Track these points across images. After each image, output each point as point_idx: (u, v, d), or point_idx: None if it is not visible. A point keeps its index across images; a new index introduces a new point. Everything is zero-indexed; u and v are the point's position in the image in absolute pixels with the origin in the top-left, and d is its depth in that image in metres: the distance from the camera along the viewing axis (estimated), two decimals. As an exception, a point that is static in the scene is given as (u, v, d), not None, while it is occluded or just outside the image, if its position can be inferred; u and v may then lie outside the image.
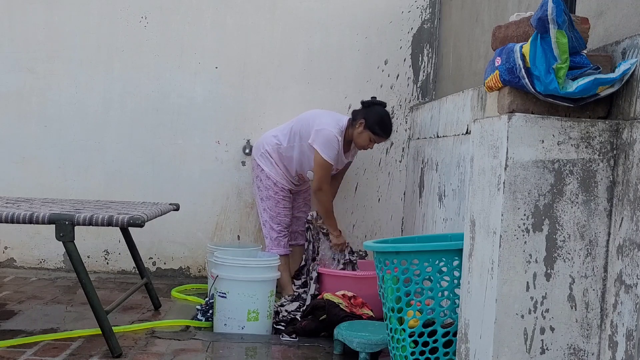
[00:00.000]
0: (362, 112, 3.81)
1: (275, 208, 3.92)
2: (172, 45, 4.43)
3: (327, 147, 3.74)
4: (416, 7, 4.47)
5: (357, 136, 3.80)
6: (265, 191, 3.92)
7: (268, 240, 3.95)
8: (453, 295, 2.31)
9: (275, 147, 3.90)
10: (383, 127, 3.79)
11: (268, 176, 3.91)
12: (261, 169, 3.93)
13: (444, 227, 3.28)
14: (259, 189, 3.97)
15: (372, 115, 3.78)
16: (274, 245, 3.93)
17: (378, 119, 3.78)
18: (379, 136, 3.81)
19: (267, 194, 3.92)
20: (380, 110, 3.83)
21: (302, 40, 4.45)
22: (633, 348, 1.58)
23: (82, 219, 2.77)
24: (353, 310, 3.28)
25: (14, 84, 4.42)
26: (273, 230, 3.93)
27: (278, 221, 3.93)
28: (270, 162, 3.91)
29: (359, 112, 3.83)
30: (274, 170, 3.91)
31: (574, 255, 1.75)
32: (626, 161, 1.68)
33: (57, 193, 4.37)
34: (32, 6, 4.40)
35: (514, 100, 1.81)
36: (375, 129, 3.77)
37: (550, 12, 1.68)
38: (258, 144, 4.02)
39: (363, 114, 3.79)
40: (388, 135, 3.86)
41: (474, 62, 3.56)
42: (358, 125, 3.78)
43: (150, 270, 4.41)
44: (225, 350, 2.98)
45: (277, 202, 3.92)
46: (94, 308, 2.81)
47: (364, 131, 3.78)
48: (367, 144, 3.83)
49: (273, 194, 3.91)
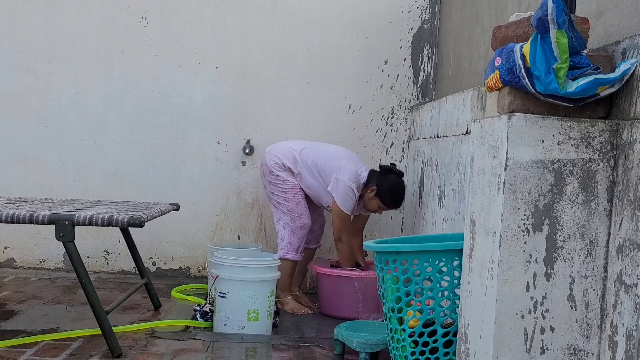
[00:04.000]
0: (376, 179, 3.75)
1: (297, 209, 3.79)
2: (172, 45, 4.43)
3: (345, 199, 3.69)
4: (416, 7, 4.47)
5: (367, 201, 3.77)
6: (283, 194, 3.79)
7: (285, 243, 3.79)
8: (453, 295, 2.31)
9: (292, 166, 3.79)
10: (394, 199, 3.76)
11: (285, 180, 3.79)
12: (276, 175, 3.80)
13: (444, 227, 3.28)
14: (274, 194, 3.83)
15: (385, 185, 3.72)
16: (291, 249, 3.79)
17: (390, 190, 3.73)
18: (388, 207, 3.79)
19: (286, 197, 3.79)
20: (395, 180, 3.76)
21: (302, 40, 4.45)
22: (633, 348, 1.58)
23: (82, 219, 2.77)
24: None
25: (14, 84, 4.42)
26: (294, 235, 3.78)
27: (301, 224, 3.78)
28: (286, 173, 3.80)
29: (374, 176, 3.76)
30: (291, 176, 3.81)
31: (574, 255, 1.75)
32: (626, 161, 1.68)
33: (57, 193, 4.37)
34: (32, 6, 4.40)
35: (514, 100, 1.81)
36: (385, 199, 3.73)
37: (550, 12, 1.68)
38: (272, 153, 3.85)
39: (377, 181, 3.73)
40: (397, 207, 3.84)
41: (474, 62, 3.56)
42: (370, 190, 3.73)
43: (150, 270, 4.41)
44: (225, 350, 2.98)
45: (297, 202, 3.79)
46: (94, 308, 2.80)
47: (374, 198, 3.74)
48: (375, 210, 3.81)
49: (291, 196, 3.79)
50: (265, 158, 3.90)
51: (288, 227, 3.81)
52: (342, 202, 3.70)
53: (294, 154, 3.81)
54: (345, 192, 3.69)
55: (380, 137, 4.47)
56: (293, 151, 3.83)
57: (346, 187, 3.69)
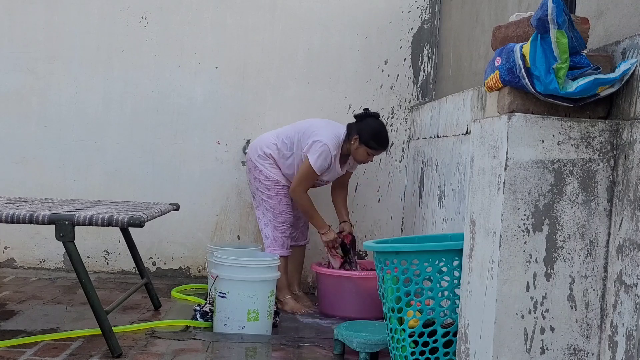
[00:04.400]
0: (356, 127, 3.72)
1: (279, 206, 3.83)
2: (172, 45, 4.42)
3: (319, 157, 3.67)
4: (416, 7, 4.47)
5: (354, 152, 3.74)
6: (266, 191, 3.85)
7: (270, 241, 3.85)
8: (453, 295, 2.31)
9: (275, 152, 3.83)
10: (378, 140, 3.72)
11: (268, 176, 3.83)
12: (259, 170, 3.84)
13: (444, 227, 3.28)
14: (258, 190, 3.89)
15: (366, 129, 3.69)
16: (277, 246, 3.83)
17: (372, 132, 3.70)
18: (376, 150, 3.74)
19: (268, 194, 3.84)
20: (374, 122, 3.74)
21: (302, 40, 4.44)
22: (633, 348, 1.58)
23: (82, 219, 2.77)
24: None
25: (14, 84, 4.42)
26: (277, 231, 3.83)
27: (283, 220, 3.84)
28: (269, 163, 3.84)
29: (353, 127, 3.74)
30: (274, 170, 3.85)
31: (574, 255, 1.75)
32: (626, 161, 1.68)
33: (57, 193, 4.37)
34: (32, 6, 4.40)
35: (514, 100, 1.81)
36: (371, 144, 3.69)
37: (550, 12, 1.68)
38: (255, 146, 3.92)
39: (356, 129, 3.71)
40: (385, 147, 3.81)
41: (474, 62, 3.56)
42: (353, 141, 3.70)
43: (150, 270, 4.41)
44: (225, 350, 2.98)
45: (279, 200, 3.84)
46: (94, 308, 2.80)
47: (359, 146, 3.70)
48: (365, 158, 3.77)
49: (274, 193, 3.84)
50: (249, 154, 3.94)
51: (270, 224, 3.85)
52: (314, 158, 3.66)
53: (275, 141, 3.84)
54: (319, 150, 3.66)
55: (380, 137, 4.47)
56: (272, 138, 3.87)
57: (322, 145, 3.66)
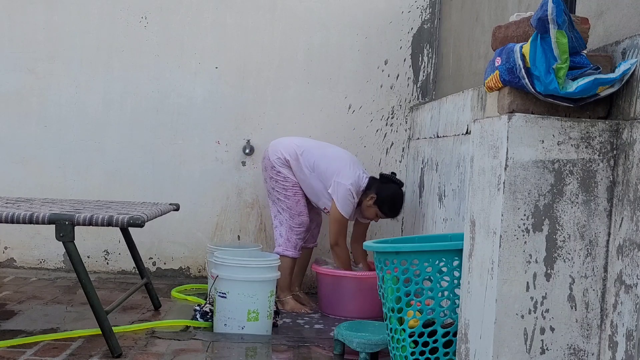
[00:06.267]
0: (376, 186, 3.75)
1: (296, 207, 3.80)
2: (172, 45, 4.43)
3: (345, 203, 3.69)
4: (416, 7, 4.47)
5: (365, 208, 3.77)
6: (284, 191, 3.80)
7: (283, 240, 3.80)
8: (453, 295, 2.31)
9: (294, 163, 3.78)
10: (392, 208, 3.76)
11: (286, 177, 3.79)
12: (277, 172, 3.79)
13: (444, 227, 3.28)
14: (274, 190, 3.83)
15: (385, 194, 3.73)
16: (290, 247, 3.79)
17: (390, 199, 3.74)
18: (386, 215, 3.80)
19: (286, 194, 3.79)
20: (394, 190, 3.77)
21: (302, 40, 4.44)
22: (633, 348, 1.58)
23: (82, 219, 2.77)
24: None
25: (14, 84, 4.42)
26: (292, 232, 3.79)
27: (300, 222, 3.80)
28: (288, 169, 3.80)
29: (374, 184, 3.76)
30: (292, 174, 3.81)
31: (574, 255, 1.75)
32: (626, 161, 1.68)
33: (57, 193, 4.37)
34: (32, 6, 4.40)
35: (514, 100, 1.81)
36: (384, 208, 3.74)
37: (550, 12, 1.68)
38: (277, 148, 3.83)
39: (376, 189, 3.74)
40: (395, 216, 3.85)
41: (474, 62, 3.56)
42: (369, 198, 3.73)
43: (150, 270, 4.41)
44: (225, 350, 2.98)
45: (297, 201, 3.80)
46: (94, 308, 2.81)
47: (372, 206, 3.74)
48: (372, 217, 3.82)
49: (292, 194, 3.79)
50: (268, 152, 3.88)
51: (286, 223, 3.81)
52: (341, 205, 3.69)
53: (296, 152, 3.80)
54: (345, 196, 3.69)
55: (380, 137, 4.47)
56: (296, 148, 3.82)
57: (346, 190, 3.68)
